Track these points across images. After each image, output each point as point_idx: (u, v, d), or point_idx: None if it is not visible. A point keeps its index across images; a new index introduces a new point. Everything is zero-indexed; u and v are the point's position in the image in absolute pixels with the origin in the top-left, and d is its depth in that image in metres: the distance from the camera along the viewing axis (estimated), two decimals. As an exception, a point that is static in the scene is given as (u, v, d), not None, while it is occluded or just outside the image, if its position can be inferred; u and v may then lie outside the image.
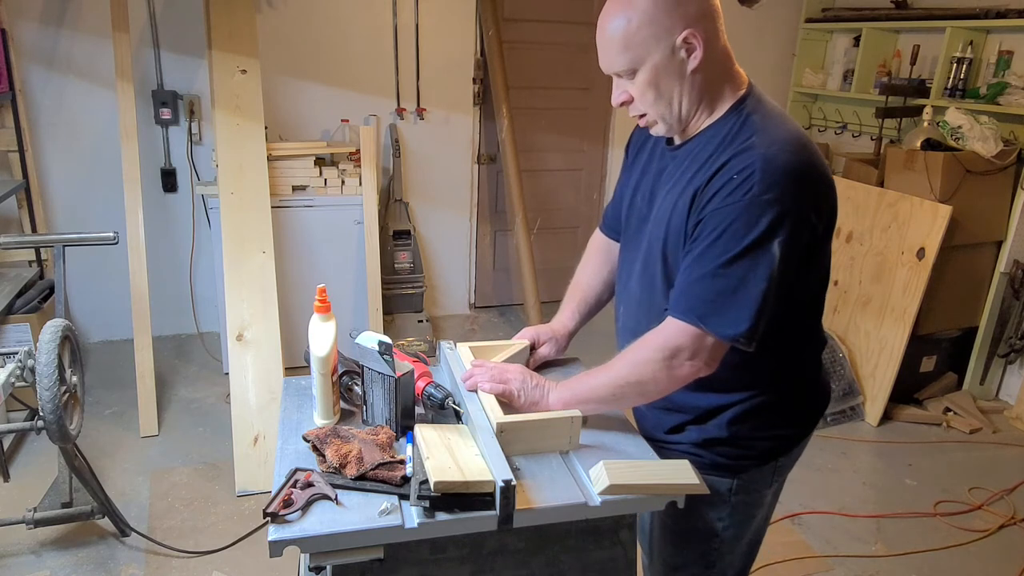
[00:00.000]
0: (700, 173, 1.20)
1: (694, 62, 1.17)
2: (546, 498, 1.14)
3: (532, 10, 4.17)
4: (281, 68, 3.80)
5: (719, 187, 1.15)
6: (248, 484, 2.71)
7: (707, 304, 1.16)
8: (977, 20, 3.56)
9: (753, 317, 1.15)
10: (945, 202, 3.25)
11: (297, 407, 1.41)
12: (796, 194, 1.13)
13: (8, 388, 2.02)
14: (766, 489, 1.41)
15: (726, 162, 1.16)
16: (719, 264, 1.15)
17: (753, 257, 1.13)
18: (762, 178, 1.12)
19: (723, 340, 1.18)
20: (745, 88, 1.24)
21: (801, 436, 1.40)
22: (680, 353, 1.20)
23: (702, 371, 1.22)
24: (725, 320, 1.16)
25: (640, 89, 1.21)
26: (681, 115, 1.22)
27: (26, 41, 3.43)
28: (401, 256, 4.00)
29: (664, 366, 1.21)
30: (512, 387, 1.32)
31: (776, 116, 1.22)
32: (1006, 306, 3.53)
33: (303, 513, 1.08)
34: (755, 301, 1.15)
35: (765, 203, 1.12)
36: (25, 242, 2.73)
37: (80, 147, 3.63)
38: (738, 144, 1.17)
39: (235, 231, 3.04)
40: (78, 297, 3.82)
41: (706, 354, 1.20)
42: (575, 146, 4.54)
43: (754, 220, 1.12)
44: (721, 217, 1.14)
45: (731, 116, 1.22)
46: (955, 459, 3.18)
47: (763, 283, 1.14)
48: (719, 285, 1.15)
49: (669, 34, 1.15)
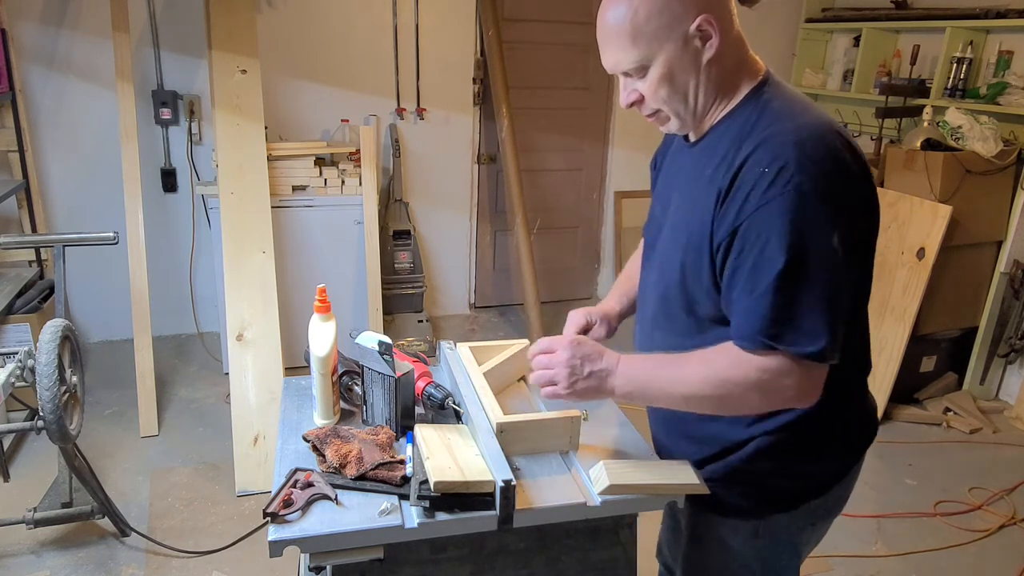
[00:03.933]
0: (720, 170, 1.07)
1: (710, 51, 1.05)
2: (546, 498, 1.14)
3: (532, 10, 4.17)
4: (281, 68, 3.80)
5: (752, 184, 1.01)
6: (248, 484, 2.71)
7: (775, 323, 1.01)
8: (977, 20, 3.56)
9: (830, 326, 1.01)
10: (945, 202, 3.25)
11: (297, 407, 1.41)
12: (841, 178, 1.01)
13: (8, 388, 2.02)
14: (800, 534, 1.26)
15: (750, 153, 1.03)
16: (777, 273, 0.99)
17: (814, 258, 0.99)
18: (799, 166, 0.99)
19: (804, 359, 1.02)
20: (763, 75, 1.13)
21: (840, 475, 1.23)
22: (766, 381, 1.04)
23: (802, 403, 1.07)
24: (800, 336, 1.01)
25: (652, 86, 1.08)
26: (697, 109, 1.11)
27: (26, 41, 3.43)
28: (401, 256, 4.00)
29: (758, 390, 1.06)
30: (560, 389, 1.16)
31: (799, 100, 1.11)
32: (1006, 306, 3.53)
33: (303, 513, 1.09)
34: (828, 308, 1.01)
35: (811, 193, 0.98)
36: (25, 242, 2.73)
37: (80, 147, 3.63)
38: (760, 133, 1.05)
39: (235, 231, 3.04)
40: (78, 297, 3.82)
41: (800, 381, 1.04)
42: (575, 146, 4.54)
43: (804, 215, 0.98)
44: (765, 219, 1.00)
45: (748, 104, 1.10)
46: (955, 459, 3.18)
47: (832, 285, 1.01)
48: (784, 298, 1.00)
49: (681, 22, 1.03)
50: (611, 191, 4.66)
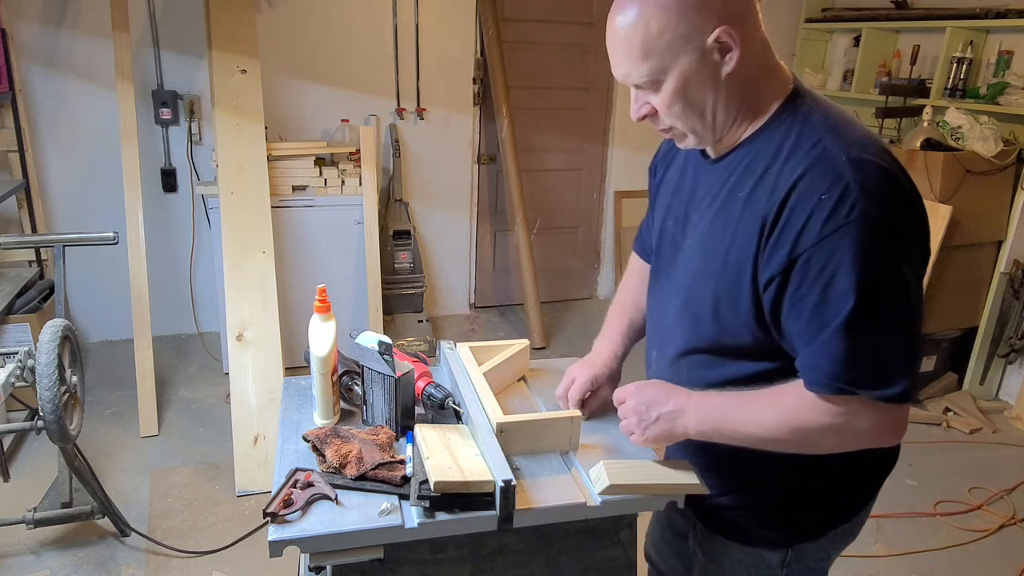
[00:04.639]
0: (761, 193, 0.99)
1: (730, 64, 0.96)
2: (546, 498, 1.14)
3: (532, 10, 4.17)
4: (281, 68, 3.80)
5: (809, 212, 0.92)
6: (248, 484, 2.71)
7: (851, 368, 0.94)
8: (977, 20, 3.56)
9: (908, 365, 0.94)
10: (945, 202, 3.25)
11: (297, 407, 1.41)
12: (902, 202, 0.94)
13: (8, 388, 2.02)
14: (825, 562, 1.24)
15: (801, 176, 0.94)
16: (848, 313, 0.92)
17: (887, 294, 0.92)
18: (862, 190, 0.90)
19: (884, 403, 0.96)
20: (792, 84, 1.03)
21: (868, 499, 1.21)
22: (844, 425, 0.98)
23: (884, 443, 1.02)
24: (879, 380, 0.94)
25: (666, 101, 1.00)
26: (716, 126, 1.02)
27: (26, 41, 3.43)
28: (401, 256, 4.00)
29: (834, 434, 1.00)
30: (636, 437, 1.15)
31: (840, 113, 1.01)
32: (1006, 306, 3.53)
33: (303, 513, 1.08)
34: (906, 345, 0.94)
35: (880, 217, 0.90)
36: (25, 242, 2.73)
37: (80, 147, 3.63)
38: (808, 153, 0.95)
39: (235, 231, 3.04)
40: (78, 297, 3.82)
41: (879, 423, 0.98)
42: (575, 146, 4.54)
43: (875, 242, 0.90)
44: (831, 251, 0.91)
45: (784, 118, 1.01)
46: (955, 459, 3.18)
47: (906, 320, 0.94)
48: (860, 340, 0.93)
49: (699, 34, 0.94)
50: (611, 191, 4.66)
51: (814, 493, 1.17)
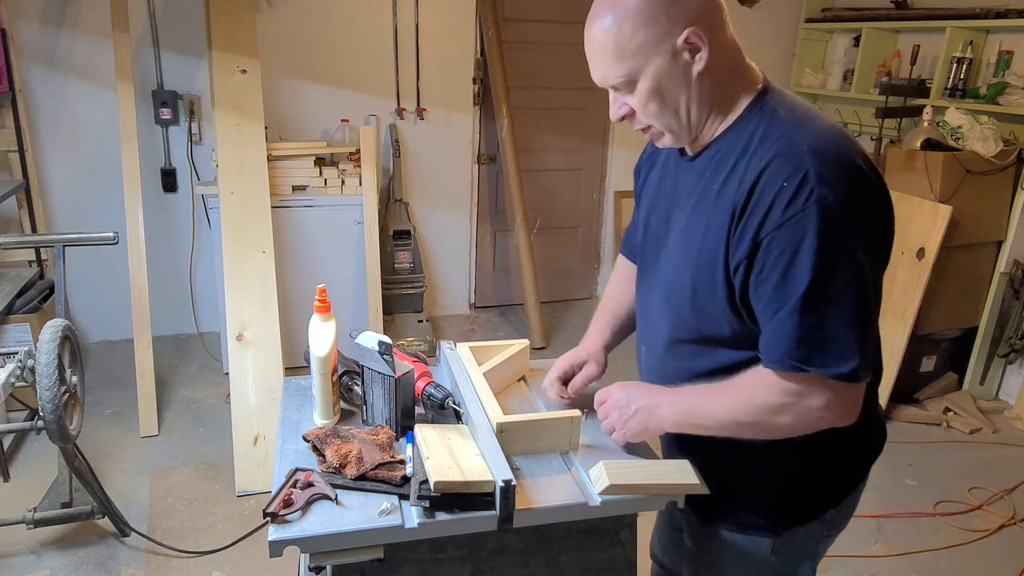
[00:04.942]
0: (731, 184, 1.04)
1: (700, 63, 1.02)
2: (546, 498, 1.14)
3: (532, 10, 4.17)
4: (281, 68, 3.80)
5: (771, 199, 0.98)
6: (248, 484, 2.71)
7: (803, 345, 0.99)
8: (977, 20, 3.56)
9: (860, 344, 0.98)
10: (945, 202, 3.25)
11: (297, 407, 1.41)
12: (862, 189, 0.99)
13: (8, 388, 2.02)
14: (817, 546, 1.27)
15: (766, 166, 1.00)
16: (803, 292, 0.97)
17: (840, 275, 0.97)
18: (820, 178, 0.95)
19: (836, 381, 1.00)
20: (761, 83, 1.09)
21: (856, 483, 1.24)
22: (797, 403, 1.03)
23: (839, 423, 1.05)
24: (830, 357, 0.99)
25: (642, 100, 1.06)
26: (691, 124, 1.08)
27: (26, 41, 3.43)
28: (401, 256, 4.00)
29: (790, 413, 1.04)
30: (617, 434, 1.23)
31: (804, 107, 1.07)
32: (1006, 306, 3.53)
33: (303, 513, 1.09)
34: (858, 325, 0.98)
35: (835, 203, 0.95)
36: (25, 242, 2.73)
37: (80, 147, 3.63)
38: (772, 144, 1.01)
39: (235, 231, 3.04)
40: (78, 297, 3.82)
41: (832, 402, 1.02)
42: (575, 146, 4.54)
43: (830, 227, 0.95)
44: (789, 234, 0.97)
45: (753, 115, 1.06)
46: (955, 459, 3.18)
47: (859, 301, 0.98)
48: (811, 318, 0.98)
49: (669, 35, 1.00)
50: (611, 191, 4.66)
51: (802, 479, 1.20)
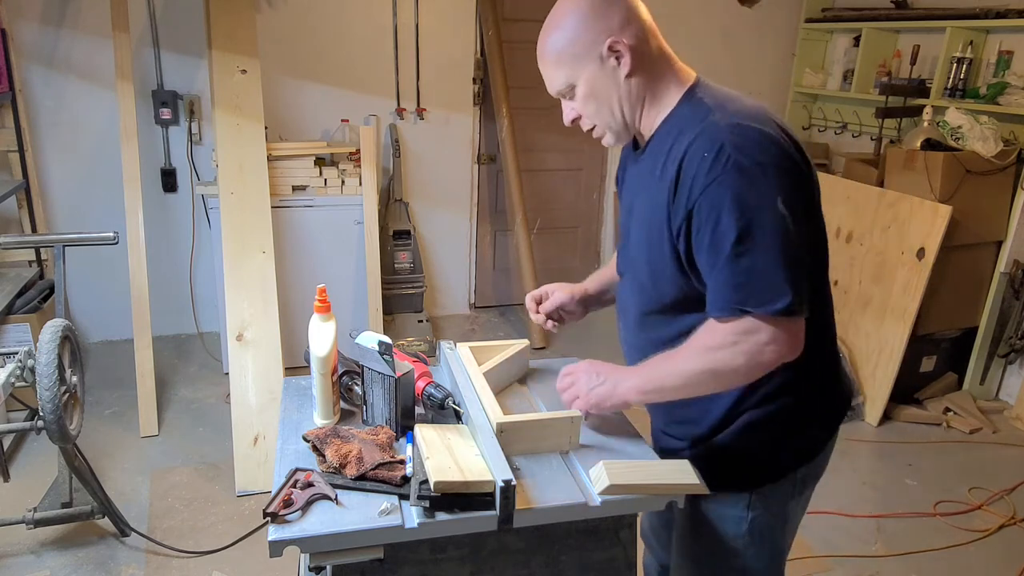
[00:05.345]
0: (669, 166, 1.17)
1: (625, 67, 1.18)
2: (546, 498, 1.14)
3: (532, 10, 4.17)
4: (281, 68, 3.80)
5: (695, 171, 1.11)
6: (248, 484, 2.71)
7: (740, 289, 1.11)
8: (977, 20, 3.56)
9: (791, 282, 1.09)
10: (945, 202, 3.25)
11: (297, 407, 1.42)
12: (773, 150, 1.10)
13: (8, 388, 2.02)
14: (790, 502, 1.34)
15: (691, 144, 1.13)
16: (732, 243, 1.09)
17: (762, 223, 1.08)
18: (735, 146, 1.09)
19: (775, 317, 1.10)
20: (692, 81, 1.23)
21: (824, 440, 1.34)
22: (744, 342, 1.13)
23: (786, 355, 1.14)
24: (764, 296, 1.10)
25: (582, 102, 1.23)
26: (625, 120, 1.23)
27: (26, 41, 3.43)
28: (401, 256, 4.00)
29: (739, 353, 1.13)
30: (580, 401, 1.29)
31: (729, 95, 1.20)
32: (1006, 306, 3.53)
33: (303, 513, 1.09)
34: (787, 265, 1.09)
35: (750, 166, 1.08)
36: (25, 242, 2.73)
37: (80, 147, 3.63)
38: (697, 125, 1.14)
39: (235, 231, 3.04)
40: (78, 297, 3.82)
41: (776, 336, 1.12)
42: (575, 146, 4.54)
43: (747, 185, 1.08)
44: (713, 197, 1.09)
45: (682, 106, 1.20)
46: (955, 459, 3.18)
47: (786, 244, 1.09)
48: (743, 265, 1.10)
49: (595, 45, 1.17)
50: (611, 191, 4.66)
51: (772, 434, 1.28)
